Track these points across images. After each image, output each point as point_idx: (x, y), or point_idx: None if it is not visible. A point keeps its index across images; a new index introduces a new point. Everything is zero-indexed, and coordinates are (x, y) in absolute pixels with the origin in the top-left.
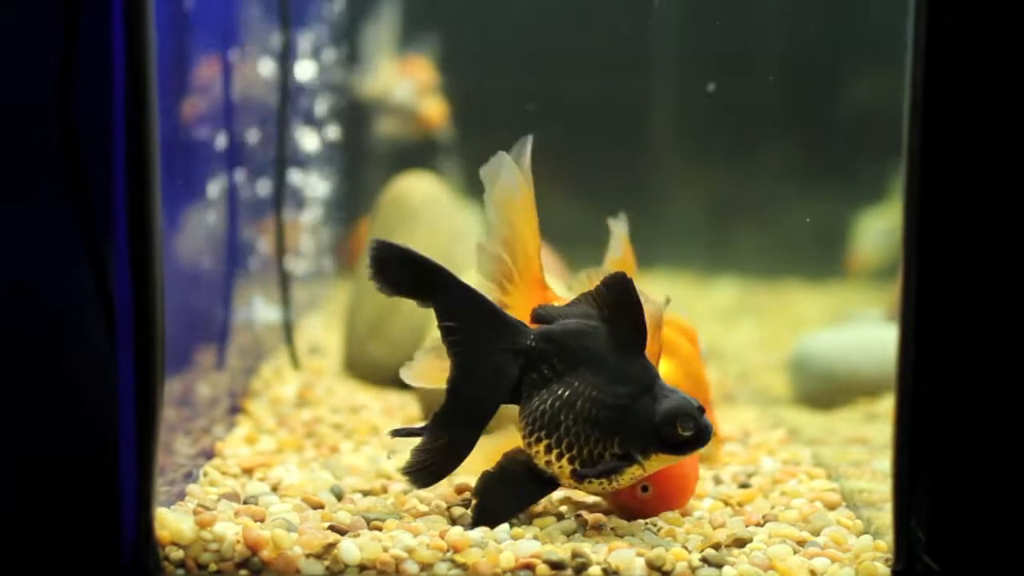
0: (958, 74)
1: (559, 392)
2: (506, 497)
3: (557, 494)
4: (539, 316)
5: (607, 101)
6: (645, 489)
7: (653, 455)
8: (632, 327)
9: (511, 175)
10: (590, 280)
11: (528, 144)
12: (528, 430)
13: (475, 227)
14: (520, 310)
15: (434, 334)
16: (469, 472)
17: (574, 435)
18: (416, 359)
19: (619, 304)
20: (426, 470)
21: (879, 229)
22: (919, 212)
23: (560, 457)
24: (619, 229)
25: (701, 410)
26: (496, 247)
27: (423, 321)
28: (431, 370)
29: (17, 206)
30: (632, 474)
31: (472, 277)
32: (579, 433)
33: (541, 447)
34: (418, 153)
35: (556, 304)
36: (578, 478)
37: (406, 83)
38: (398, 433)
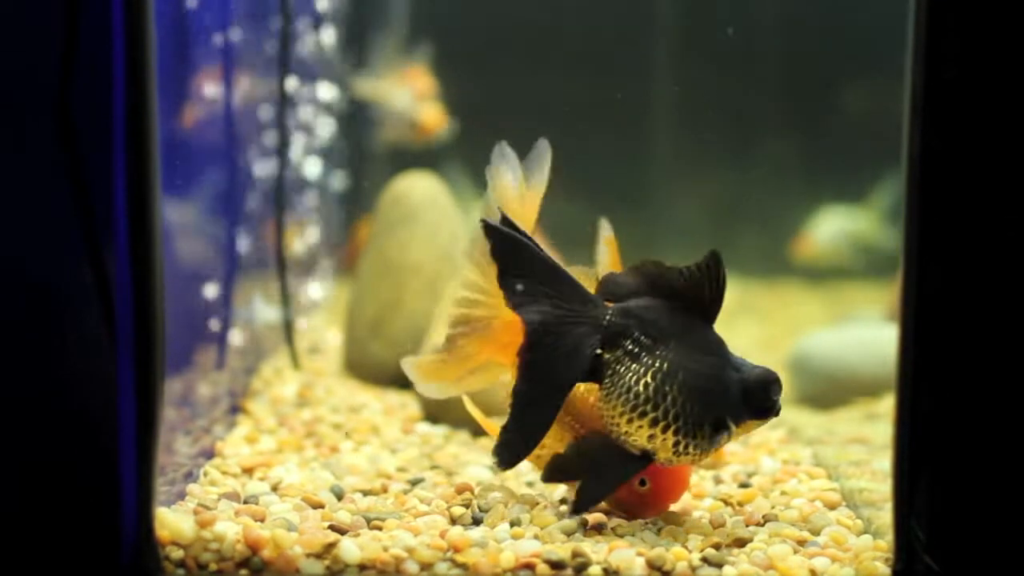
0: (958, 75)
1: (657, 365)
2: (599, 479)
3: (557, 493)
4: (606, 285)
5: (607, 101)
6: (643, 483)
7: (743, 422)
8: (713, 302)
9: (509, 169)
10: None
11: (547, 149)
12: (629, 406)
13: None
14: (499, 300)
15: (441, 331)
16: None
17: (680, 407)
18: (419, 356)
19: (712, 279)
20: (510, 448)
21: (837, 227)
22: (919, 213)
23: (666, 430)
24: (605, 232)
25: None
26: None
27: (424, 321)
28: (433, 368)
29: (17, 206)
30: (723, 443)
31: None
32: (684, 404)
33: (645, 422)
34: (419, 158)
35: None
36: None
37: (404, 91)
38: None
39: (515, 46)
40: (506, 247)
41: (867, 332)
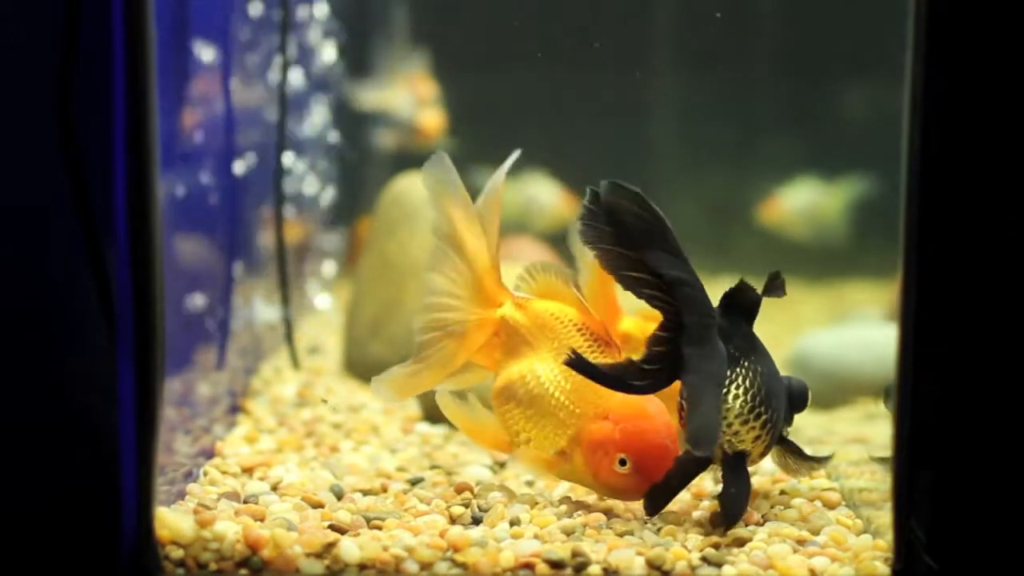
0: (958, 71)
1: (761, 369)
2: (742, 489)
3: (556, 493)
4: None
5: (607, 100)
6: (623, 463)
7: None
8: (752, 318)
9: (445, 176)
10: (531, 276)
11: (512, 157)
12: (747, 407)
13: None
14: (469, 303)
15: (416, 341)
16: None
17: (780, 411)
18: (390, 373)
19: (752, 300)
20: (706, 434)
21: (808, 198)
22: (919, 211)
23: (769, 432)
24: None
25: None
26: (441, 242)
27: None
28: (403, 385)
29: (16, 207)
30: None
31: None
32: (781, 409)
33: (759, 423)
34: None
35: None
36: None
37: (405, 97)
38: (571, 364)
39: (513, 41)
40: (639, 222)
41: (867, 332)
